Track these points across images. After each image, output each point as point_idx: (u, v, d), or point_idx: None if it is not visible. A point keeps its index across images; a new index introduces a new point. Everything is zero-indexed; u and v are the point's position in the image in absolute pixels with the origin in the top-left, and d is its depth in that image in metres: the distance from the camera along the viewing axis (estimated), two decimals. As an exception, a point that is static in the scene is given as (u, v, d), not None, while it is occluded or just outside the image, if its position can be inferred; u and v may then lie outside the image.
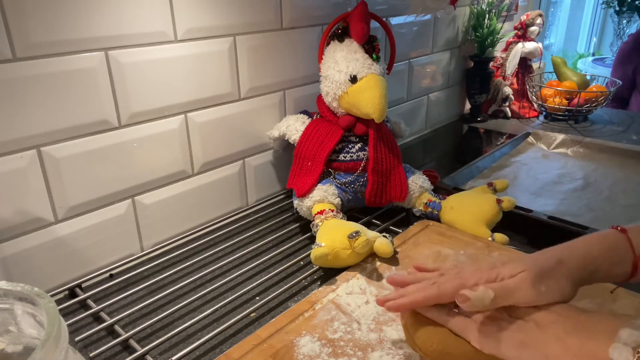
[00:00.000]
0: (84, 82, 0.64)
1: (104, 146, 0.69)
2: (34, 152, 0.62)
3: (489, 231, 0.75)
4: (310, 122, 0.84)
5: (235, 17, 0.79)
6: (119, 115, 0.69)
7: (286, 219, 0.87)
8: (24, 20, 0.57)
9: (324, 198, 0.77)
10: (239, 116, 0.85)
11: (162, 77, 0.72)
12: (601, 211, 0.90)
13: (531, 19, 1.44)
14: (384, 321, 0.57)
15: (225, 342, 0.59)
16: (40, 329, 0.38)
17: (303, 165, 0.82)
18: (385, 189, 0.82)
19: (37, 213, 0.64)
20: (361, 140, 0.81)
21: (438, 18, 1.26)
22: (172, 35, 0.72)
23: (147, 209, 0.76)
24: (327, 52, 0.81)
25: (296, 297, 0.66)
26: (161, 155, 0.76)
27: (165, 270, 0.72)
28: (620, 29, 2.96)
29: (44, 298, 0.37)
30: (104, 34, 0.65)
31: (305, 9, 0.90)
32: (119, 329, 0.60)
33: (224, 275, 0.70)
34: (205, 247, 0.78)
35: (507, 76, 1.47)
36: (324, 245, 0.66)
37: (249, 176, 0.91)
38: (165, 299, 0.66)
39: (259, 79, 0.86)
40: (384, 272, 0.67)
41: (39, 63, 0.60)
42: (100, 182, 0.70)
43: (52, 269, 0.67)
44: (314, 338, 0.55)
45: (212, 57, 0.78)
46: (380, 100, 0.74)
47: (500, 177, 1.03)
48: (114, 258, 0.74)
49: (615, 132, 1.30)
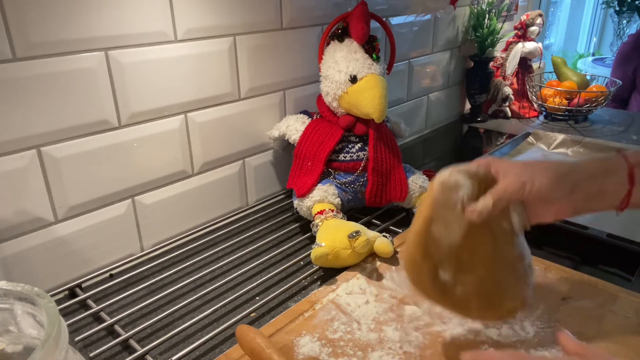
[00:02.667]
0: (84, 82, 0.64)
1: (104, 146, 0.69)
2: (34, 152, 0.62)
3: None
4: (310, 122, 0.84)
5: (235, 17, 0.79)
6: (119, 115, 0.69)
7: (286, 219, 0.87)
8: (24, 20, 0.57)
9: (324, 198, 0.77)
10: (239, 116, 0.85)
11: (162, 77, 0.72)
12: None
13: (531, 19, 1.44)
14: (384, 321, 0.57)
15: (225, 342, 0.59)
16: (40, 329, 0.38)
17: (303, 165, 0.82)
18: (385, 189, 0.82)
19: (37, 213, 0.64)
20: (361, 140, 0.81)
21: (438, 18, 1.26)
22: (172, 35, 0.72)
23: (147, 209, 0.76)
24: (327, 52, 0.81)
25: (296, 297, 0.66)
26: (161, 155, 0.76)
27: (165, 270, 0.72)
28: (620, 29, 2.96)
29: (44, 298, 0.37)
30: (104, 34, 0.65)
31: (305, 9, 0.90)
32: (119, 329, 0.60)
33: (224, 275, 0.70)
34: (205, 247, 0.78)
35: (507, 76, 1.47)
36: (324, 245, 0.66)
37: (249, 176, 0.91)
38: (165, 299, 0.66)
39: (259, 79, 0.86)
40: (384, 272, 0.67)
41: (39, 63, 0.60)
42: (100, 182, 0.70)
43: (52, 269, 0.67)
44: (314, 338, 0.55)
45: (212, 57, 0.78)
46: (380, 100, 0.74)
47: (500, 177, 1.03)
48: (114, 258, 0.74)
49: (615, 132, 1.30)
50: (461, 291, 0.50)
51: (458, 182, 0.49)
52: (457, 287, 0.50)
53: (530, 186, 0.49)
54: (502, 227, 0.52)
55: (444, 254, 0.50)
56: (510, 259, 0.53)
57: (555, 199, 0.50)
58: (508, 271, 0.53)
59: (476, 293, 0.51)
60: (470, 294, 0.51)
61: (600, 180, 0.50)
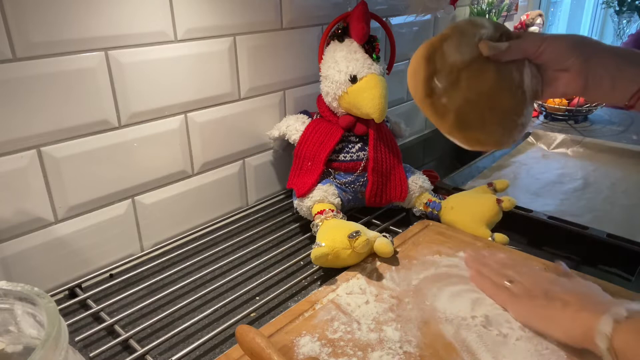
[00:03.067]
0: (84, 82, 0.64)
1: (104, 146, 0.69)
2: (34, 152, 0.62)
3: (489, 231, 0.75)
4: (310, 122, 0.84)
5: (235, 17, 0.79)
6: (119, 115, 0.69)
7: (286, 219, 0.87)
8: (24, 20, 0.57)
9: (324, 198, 0.77)
10: (239, 116, 0.85)
11: (162, 77, 0.72)
12: (601, 211, 0.90)
13: (531, 19, 1.44)
14: (384, 321, 0.58)
15: (225, 342, 0.59)
16: (40, 329, 0.38)
17: (303, 165, 0.82)
18: (385, 189, 0.82)
19: (37, 213, 0.64)
20: (361, 140, 0.81)
21: (438, 18, 1.26)
22: (172, 35, 0.72)
23: (147, 209, 0.76)
24: (327, 52, 0.81)
25: (296, 297, 0.66)
26: (161, 155, 0.76)
27: (165, 270, 0.72)
28: (620, 29, 2.96)
29: (44, 298, 0.37)
30: (104, 34, 0.65)
31: (305, 9, 0.90)
32: (119, 329, 0.60)
33: (224, 275, 0.70)
34: (205, 247, 0.78)
35: (507, 76, 1.46)
36: (324, 245, 0.66)
37: (249, 176, 0.91)
38: (165, 299, 0.66)
39: (259, 79, 0.86)
40: (384, 272, 0.67)
41: (39, 63, 0.60)
42: (100, 182, 0.70)
43: (52, 269, 0.67)
44: (314, 338, 0.55)
45: (212, 57, 0.78)
46: (380, 100, 0.74)
47: (500, 177, 1.03)
48: (114, 258, 0.74)
49: (615, 132, 1.30)
50: (444, 102, 0.53)
51: (484, 23, 0.53)
52: (443, 97, 0.53)
53: (546, 45, 0.51)
54: (512, 75, 0.54)
55: (445, 67, 0.52)
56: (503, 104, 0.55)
57: (569, 66, 0.51)
58: (495, 112, 0.55)
59: (456, 110, 0.53)
60: (450, 108, 0.53)
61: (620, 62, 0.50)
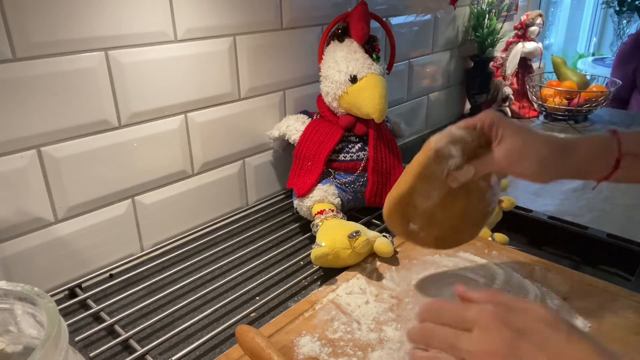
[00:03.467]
0: (84, 82, 0.64)
1: (104, 146, 0.69)
2: (34, 152, 0.62)
3: (489, 231, 0.75)
4: (310, 122, 0.84)
5: (235, 17, 0.79)
6: (119, 115, 0.69)
7: (286, 219, 0.87)
8: (24, 20, 0.57)
9: (324, 198, 0.77)
10: (239, 116, 0.85)
11: (162, 77, 0.72)
12: (601, 211, 0.90)
13: (531, 19, 1.44)
14: (384, 321, 0.57)
15: (225, 342, 0.59)
16: (40, 329, 0.38)
17: (303, 165, 0.82)
18: (385, 189, 0.82)
19: (37, 213, 0.64)
20: (361, 140, 0.81)
21: (438, 18, 1.26)
22: (172, 35, 0.72)
23: (147, 209, 0.76)
24: (327, 52, 0.81)
25: (296, 297, 0.66)
26: (161, 155, 0.76)
27: (165, 270, 0.72)
28: (620, 29, 2.96)
29: (44, 298, 0.37)
30: (104, 34, 0.65)
31: (305, 9, 0.90)
32: (119, 329, 0.60)
33: (224, 275, 0.70)
34: (205, 247, 0.78)
35: (507, 76, 1.47)
36: (324, 245, 0.66)
37: (249, 176, 0.91)
38: (165, 299, 0.66)
39: (259, 79, 0.86)
40: (384, 272, 0.67)
41: (39, 63, 0.60)
42: (100, 182, 0.70)
43: (52, 269, 0.67)
44: (314, 338, 0.55)
45: (212, 57, 0.78)
46: (380, 100, 0.74)
47: (500, 177, 1.03)
48: (114, 258, 0.74)
49: (615, 132, 1.30)
50: (422, 235, 0.59)
51: (451, 153, 0.53)
52: (421, 233, 0.59)
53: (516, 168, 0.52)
54: (479, 186, 0.57)
55: (418, 215, 0.57)
56: (478, 214, 0.60)
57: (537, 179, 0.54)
58: (469, 219, 0.60)
59: (434, 237, 0.60)
60: (429, 237, 0.60)
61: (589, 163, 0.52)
